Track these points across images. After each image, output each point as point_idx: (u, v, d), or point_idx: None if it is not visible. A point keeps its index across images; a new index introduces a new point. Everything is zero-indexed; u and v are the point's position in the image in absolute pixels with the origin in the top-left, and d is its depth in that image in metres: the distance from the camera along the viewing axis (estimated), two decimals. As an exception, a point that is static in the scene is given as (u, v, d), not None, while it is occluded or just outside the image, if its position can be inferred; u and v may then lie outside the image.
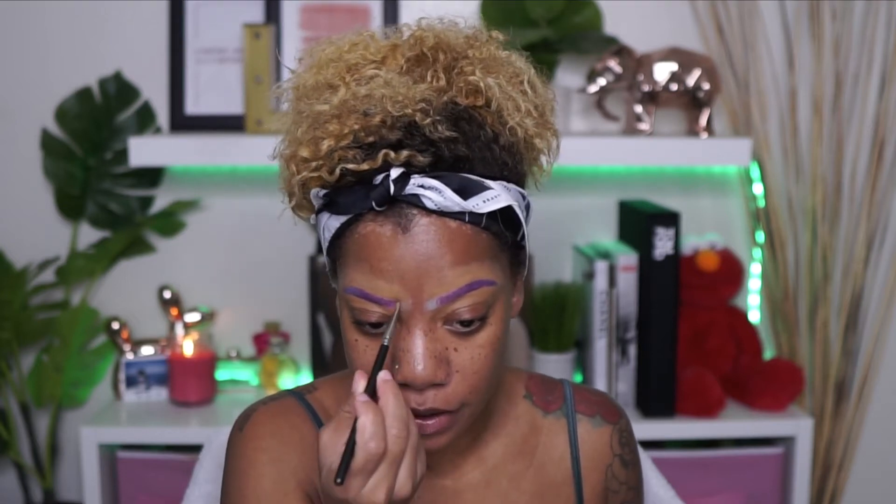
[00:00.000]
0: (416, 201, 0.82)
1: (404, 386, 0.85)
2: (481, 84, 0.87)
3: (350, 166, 0.83)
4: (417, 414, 0.85)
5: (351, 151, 0.83)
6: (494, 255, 0.87)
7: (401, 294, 0.83)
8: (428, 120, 0.83)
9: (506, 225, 0.87)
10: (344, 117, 0.84)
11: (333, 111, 0.85)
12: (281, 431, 0.93)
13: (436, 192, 0.82)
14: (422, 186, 0.82)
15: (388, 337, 0.83)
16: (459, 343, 0.85)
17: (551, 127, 0.94)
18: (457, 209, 0.83)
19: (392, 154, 0.82)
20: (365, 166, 0.83)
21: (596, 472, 1.02)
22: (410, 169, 0.83)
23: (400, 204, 0.83)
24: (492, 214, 0.85)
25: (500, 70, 0.91)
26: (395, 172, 0.82)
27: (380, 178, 0.83)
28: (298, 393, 0.99)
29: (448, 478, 0.97)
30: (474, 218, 0.84)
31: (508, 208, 0.86)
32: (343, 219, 0.85)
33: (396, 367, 0.85)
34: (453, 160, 0.84)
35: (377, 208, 0.83)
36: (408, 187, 0.82)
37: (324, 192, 0.86)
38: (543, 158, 0.96)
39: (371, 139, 0.83)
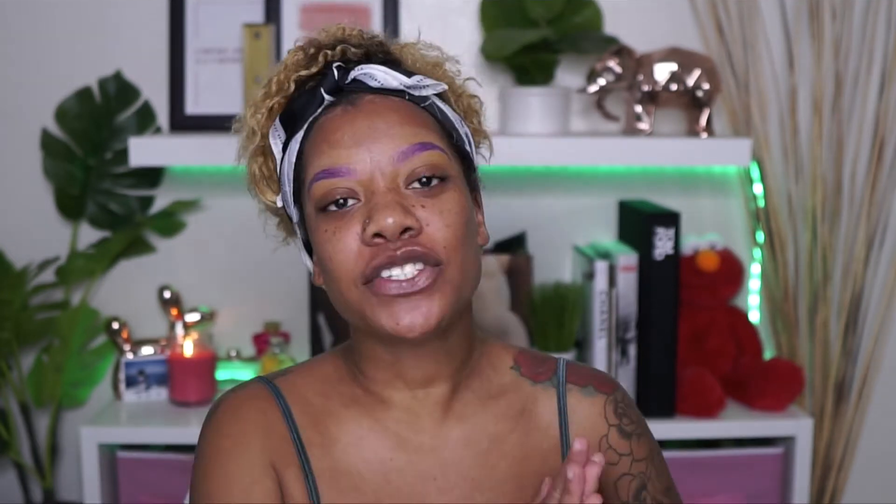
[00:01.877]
0: (360, 85, 0.92)
1: (378, 237, 0.87)
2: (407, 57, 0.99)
3: (301, 73, 0.94)
4: (394, 262, 0.87)
5: (300, 70, 0.94)
6: (441, 137, 0.93)
7: (360, 155, 0.89)
8: (356, 31, 0.96)
9: (454, 131, 0.96)
10: (285, 60, 0.96)
11: (275, 68, 0.97)
12: (247, 417, 0.96)
13: (378, 72, 0.92)
14: (364, 72, 0.93)
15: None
16: (425, 201, 0.90)
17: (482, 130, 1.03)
18: (397, 85, 0.92)
19: (330, 52, 0.94)
20: (313, 69, 0.93)
21: None
22: (350, 64, 0.94)
23: (347, 93, 0.93)
24: (430, 107, 0.94)
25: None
26: (337, 65, 0.93)
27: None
28: (267, 378, 1.01)
29: (427, 435, 0.97)
30: (414, 99, 0.93)
31: (446, 116, 0.95)
32: (304, 126, 0.93)
33: (367, 221, 0.88)
34: (383, 56, 0.95)
35: (328, 97, 0.93)
36: (351, 73, 0.93)
37: (280, 117, 0.95)
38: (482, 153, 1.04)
39: (312, 51, 0.94)
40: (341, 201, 0.89)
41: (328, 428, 0.97)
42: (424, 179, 0.89)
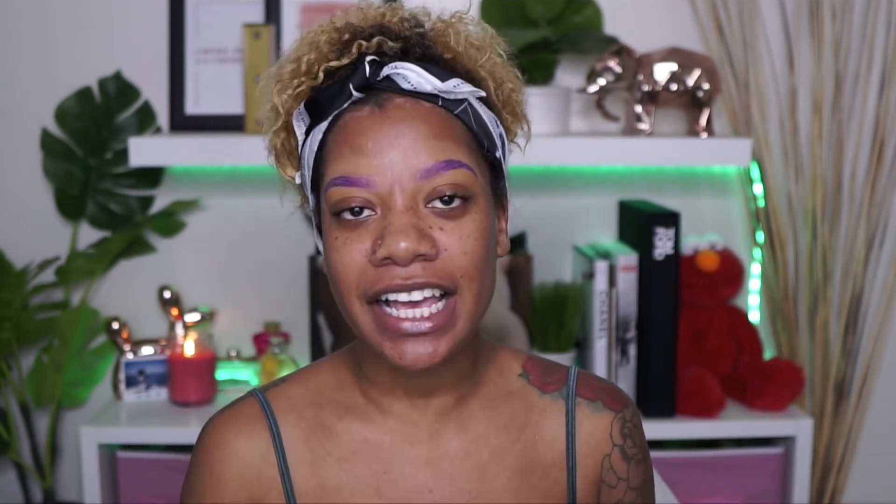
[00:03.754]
0: (392, 84, 0.86)
1: (388, 261, 0.83)
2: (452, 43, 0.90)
3: (332, 64, 0.87)
4: (402, 289, 0.83)
5: (331, 56, 0.88)
6: (471, 148, 0.88)
7: (381, 169, 0.84)
8: (396, 18, 0.89)
9: (487, 139, 0.90)
10: (318, 37, 0.89)
11: (308, 40, 0.90)
12: (228, 444, 0.95)
13: (412, 73, 0.86)
14: (397, 72, 0.86)
15: None
16: (445, 224, 0.84)
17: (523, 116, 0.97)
18: (430, 89, 0.86)
19: (364, 44, 0.87)
20: (345, 60, 0.87)
21: (591, 459, 0.97)
22: (384, 59, 0.87)
23: (377, 91, 0.86)
24: (464, 113, 0.88)
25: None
26: (370, 59, 0.86)
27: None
28: (260, 391, 0.98)
29: (424, 446, 0.94)
30: (447, 104, 0.87)
31: (481, 120, 0.89)
32: (328, 118, 0.88)
33: (379, 242, 0.83)
34: (422, 51, 0.88)
35: (356, 93, 0.86)
36: (384, 70, 0.86)
37: (306, 103, 0.89)
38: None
39: (346, 37, 0.88)
40: (357, 209, 0.85)
41: (321, 443, 0.94)
42: (447, 198, 0.84)
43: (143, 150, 1.73)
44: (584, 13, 1.85)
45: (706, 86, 1.77)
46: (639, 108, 1.79)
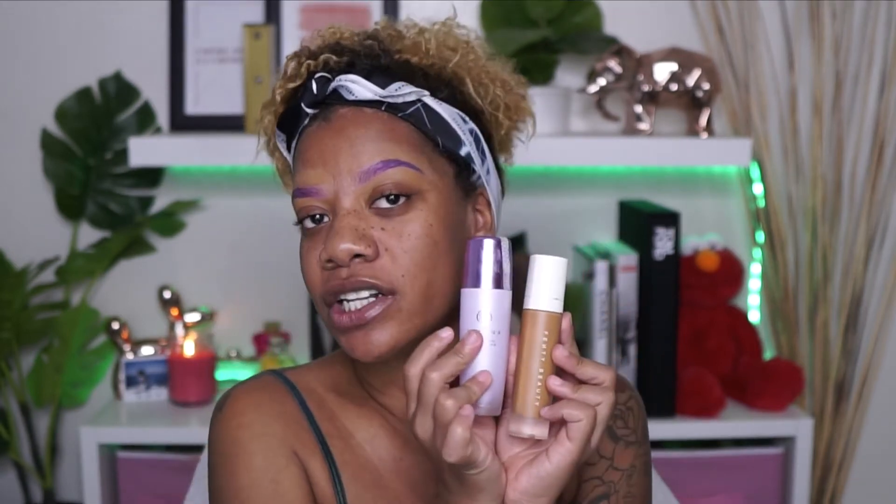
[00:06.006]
0: (339, 97, 0.90)
1: (331, 263, 0.87)
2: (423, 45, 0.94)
3: (288, 86, 0.94)
4: (345, 289, 0.87)
5: (290, 82, 0.94)
6: (418, 146, 0.90)
7: (325, 176, 0.88)
8: (347, 33, 0.95)
9: (444, 136, 0.92)
10: (286, 65, 0.96)
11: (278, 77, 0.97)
12: (262, 404, 0.94)
13: (354, 84, 0.90)
14: (341, 84, 0.90)
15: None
16: (386, 223, 0.87)
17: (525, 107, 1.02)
18: (371, 96, 0.89)
19: (311, 63, 0.92)
20: (298, 82, 0.93)
21: None
22: (333, 74, 0.91)
23: (326, 105, 0.91)
24: (415, 114, 0.90)
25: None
26: (319, 76, 0.91)
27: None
28: (278, 371, 1.00)
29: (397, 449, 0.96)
30: (391, 109, 0.90)
31: (437, 119, 0.91)
32: (295, 137, 0.93)
33: (323, 245, 0.87)
34: (370, 62, 0.92)
35: (308, 110, 0.91)
36: (331, 84, 0.91)
37: (278, 126, 0.95)
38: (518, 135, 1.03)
39: (302, 60, 0.94)
40: (317, 217, 0.90)
41: (343, 423, 0.96)
42: (392, 197, 0.87)
43: (143, 150, 1.73)
44: (584, 13, 1.86)
45: (706, 86, 1.77)
46: (639, 108, 1.79)
